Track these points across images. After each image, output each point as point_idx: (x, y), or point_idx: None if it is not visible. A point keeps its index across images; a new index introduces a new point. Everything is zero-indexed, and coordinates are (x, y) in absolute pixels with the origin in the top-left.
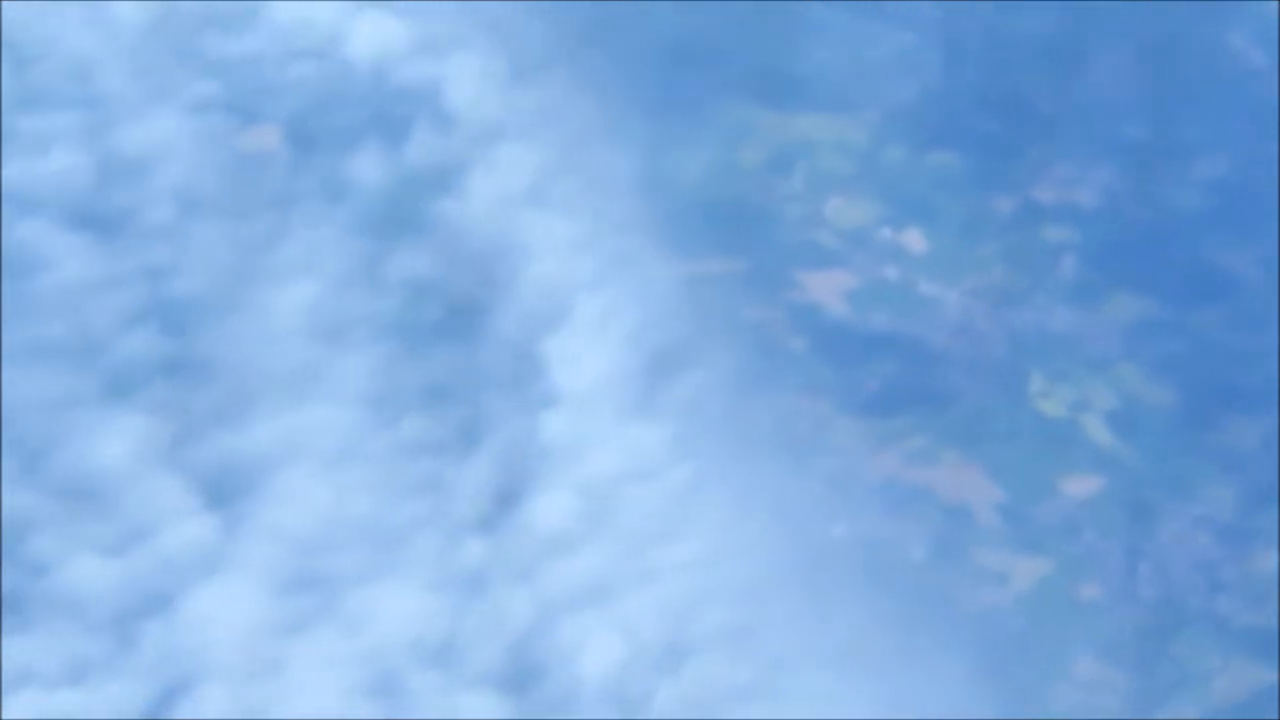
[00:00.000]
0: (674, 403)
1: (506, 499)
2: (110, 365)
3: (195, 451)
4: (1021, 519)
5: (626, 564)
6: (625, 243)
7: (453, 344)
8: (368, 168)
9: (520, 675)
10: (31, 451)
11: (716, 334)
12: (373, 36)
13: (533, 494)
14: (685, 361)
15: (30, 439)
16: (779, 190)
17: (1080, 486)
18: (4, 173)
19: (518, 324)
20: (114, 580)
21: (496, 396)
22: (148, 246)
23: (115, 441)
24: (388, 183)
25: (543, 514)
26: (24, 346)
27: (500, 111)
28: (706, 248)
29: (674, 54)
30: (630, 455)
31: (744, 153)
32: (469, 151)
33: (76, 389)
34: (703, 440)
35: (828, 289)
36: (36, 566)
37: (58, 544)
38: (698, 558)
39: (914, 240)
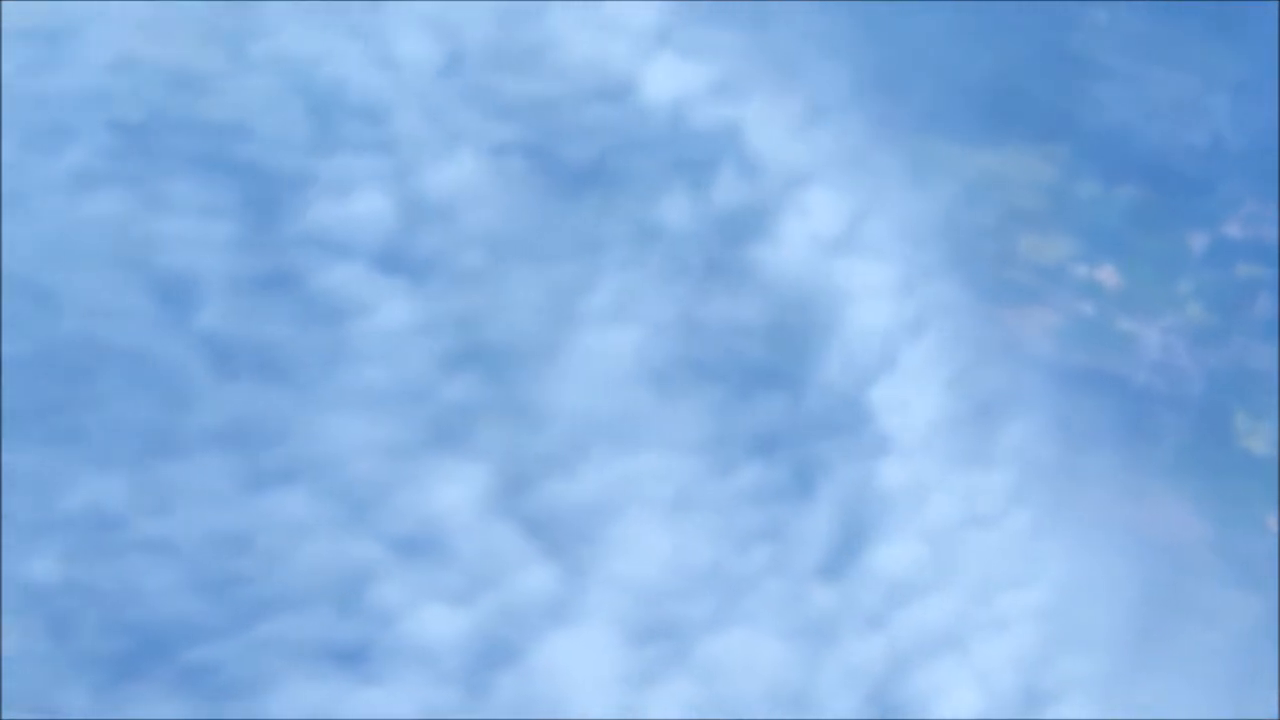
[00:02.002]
0: (1005, 448)
1: (849, 546)
2: (435, 412)
3: (530, 498)
4: (1232, 556)
5: (976, 611)
6: (938, 287)
7: (778, 390)
8: (675, 212)
9: None
10: (366, 499)
11: (1036, 379)
12: (668, 79)
13: (876, 541)
14: (1010, 407)
15: (363, 487)
16: (971, 225)
17: None
18: (308, 216)
19: (842, 370)
20: (462, 630)
21: (828, 443)
22: (461, 291)
23: (449, 489)
24: (697, 227)
25: (888, 561)
26: (348, 393)
27: (802, 155)
28: None
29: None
30: (968, 501)
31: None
32: (776, 195)
33: (404, 436)
34: (1038, 485)
35: (1027, 325)
36: (383, 616)
37: (402, 593)
38: (1047, 604)
39: (1109, 277)
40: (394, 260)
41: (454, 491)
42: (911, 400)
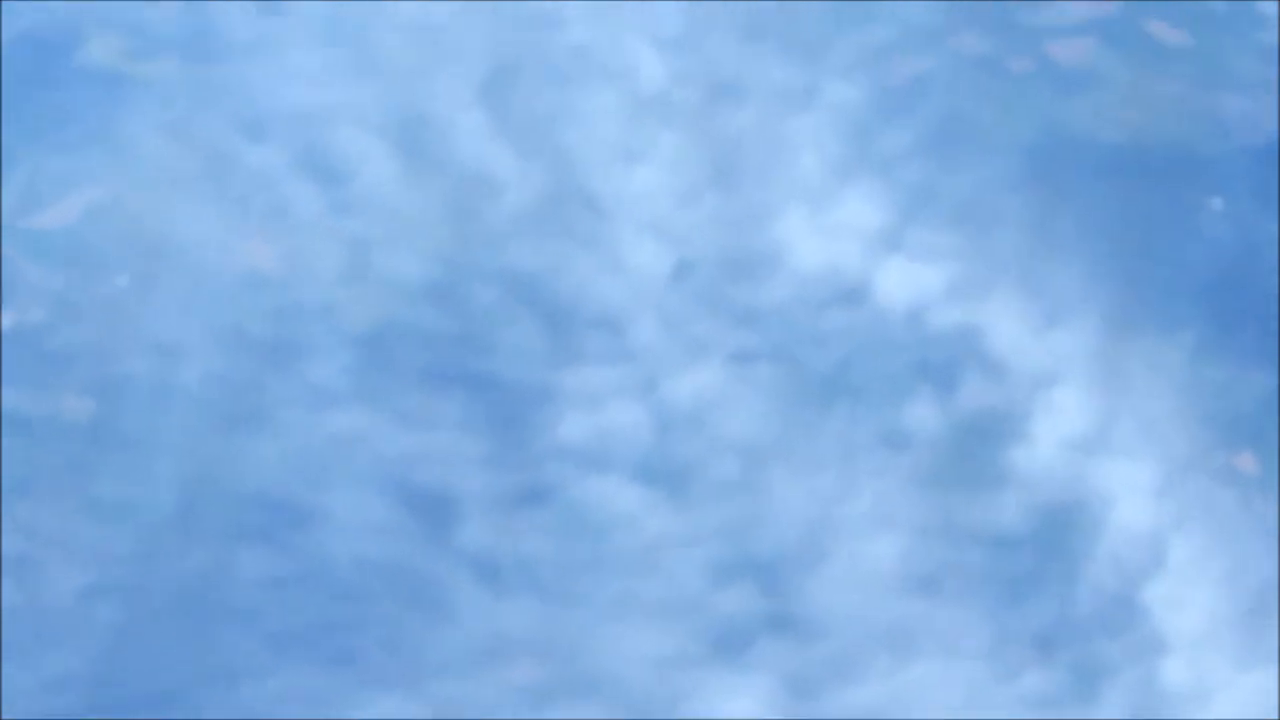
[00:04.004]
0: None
1: None
2: (710, 623)
3: (814, 708)
4: None
5: None
6: (1197, 483)
7: (1048, 593)
8: (923, 417)
9: None
10: (653, 713)
11: None
12: (903, 284)
13: None
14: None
15: (649, 701)
16: None
17: None
18: (558, 429)
19: (1111, 572)
20: None
21: (1106, 644)
22: (720, 501)
23: (734, 700)
24: (947, 432)
25: None
26: (619, 606)
27: (1045, 356)
28: None
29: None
30: (1251, 702)
31: None
32: (1023, 398)
33: (682, 648)
34: None
35: None
36: None
37: None
38: None
39: (1247, 463)
40: (650, 471)
41: (739, 704)
42: (1185, 598)
